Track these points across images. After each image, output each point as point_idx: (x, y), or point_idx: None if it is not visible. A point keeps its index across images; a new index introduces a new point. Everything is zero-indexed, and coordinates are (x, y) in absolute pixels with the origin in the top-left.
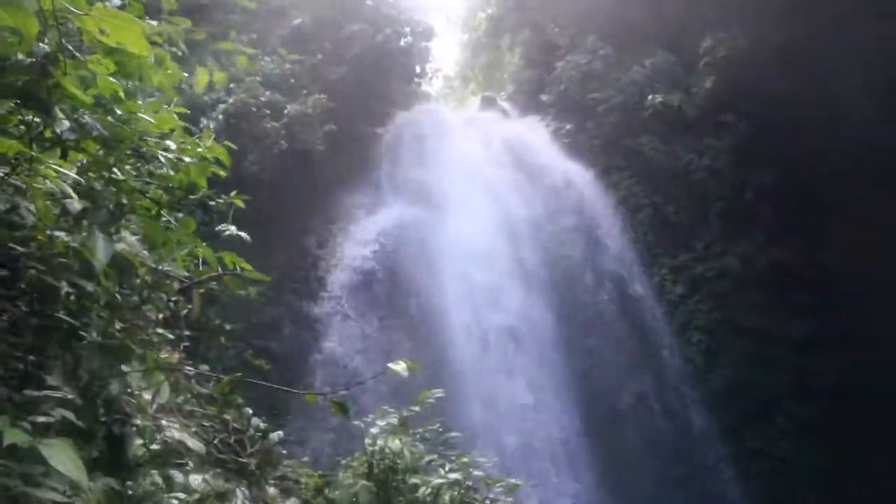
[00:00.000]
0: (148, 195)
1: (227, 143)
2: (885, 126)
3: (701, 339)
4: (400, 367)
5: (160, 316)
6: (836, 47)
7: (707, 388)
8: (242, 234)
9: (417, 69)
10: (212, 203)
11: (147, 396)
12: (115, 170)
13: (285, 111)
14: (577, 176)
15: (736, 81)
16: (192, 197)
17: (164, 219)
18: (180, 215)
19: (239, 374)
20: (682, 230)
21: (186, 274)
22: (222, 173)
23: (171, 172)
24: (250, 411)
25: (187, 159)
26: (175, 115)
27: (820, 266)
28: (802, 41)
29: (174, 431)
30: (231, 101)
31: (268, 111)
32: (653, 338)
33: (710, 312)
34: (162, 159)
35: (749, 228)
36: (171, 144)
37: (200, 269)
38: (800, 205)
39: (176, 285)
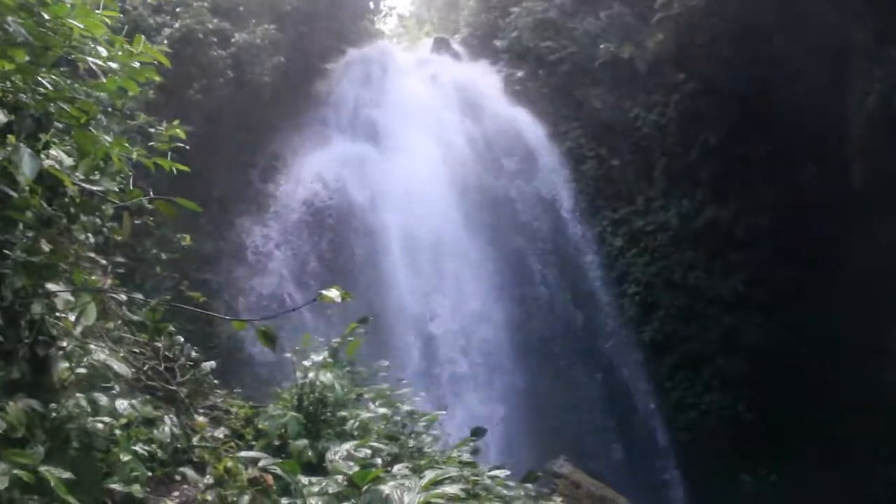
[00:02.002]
0: (76, 105)
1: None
2: (827, 95)
3: (637, 292)
4: (333, 293)
5: (92, 240)
6: (786, 15)
7: (639, 339)
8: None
9: (371, 5)
10: (152, 130)
11: (73, 318)
12: (41, 79)
13: (233, 40)
14: (525, 124)
15: (688, 40)
16: (131, 123)
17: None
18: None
19: (168, 297)
20: (625, 184)
21: (117, 190)
22: (157, 77)
23: (103, 80)
24: (182, 339)
25: (117, 65)
26: (107, 21)
27: (752, 228)
28: (755, 6)
29: (100, 354)
30: (177, 25)
31: (214, 39)
32: (590, 288)
33: (646, 266)
34: (92, 66)
35: (690, 187)
36: (103, 51)
37: (131, 189)
38: (739, 167)
39: (110, 211)
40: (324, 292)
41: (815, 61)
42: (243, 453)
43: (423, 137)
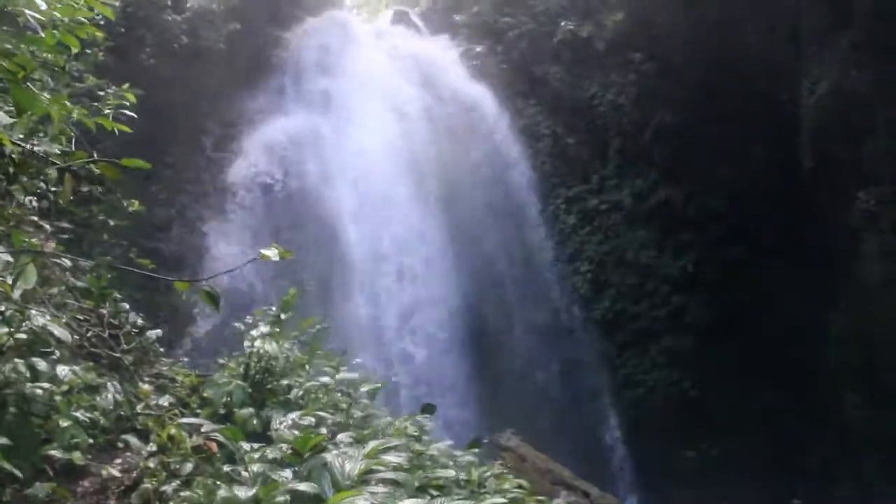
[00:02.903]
0: (13, 60)
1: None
2: (782, 79)
3: (589, 270)
4: (272, 252)
5: (35, 204)
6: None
7: (590, 316)
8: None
9: None
10: (101, 93)
11: (11, 281)
12: None
13: (188, 5)
14: (483, 99)
15: (646, 20)
16: (79, 85)
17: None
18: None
19: (107, 257)
20: (579, 162)
21: (58, 151)
22: (99, 34)
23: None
24: (127, 306)
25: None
26: None
27: (704, 209)
28: None
29: (40, 319)
30: None
31: (169, 3)
32: (542, 264)
33: (599, 244)
34: (31, 19)
35: (644, 167)
36: (42, 3)
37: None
38: (693, 148)
39: (54, 175)
40: (263, 251)
41: (771, 45)
42: (186, 420)
43: (380, 110)
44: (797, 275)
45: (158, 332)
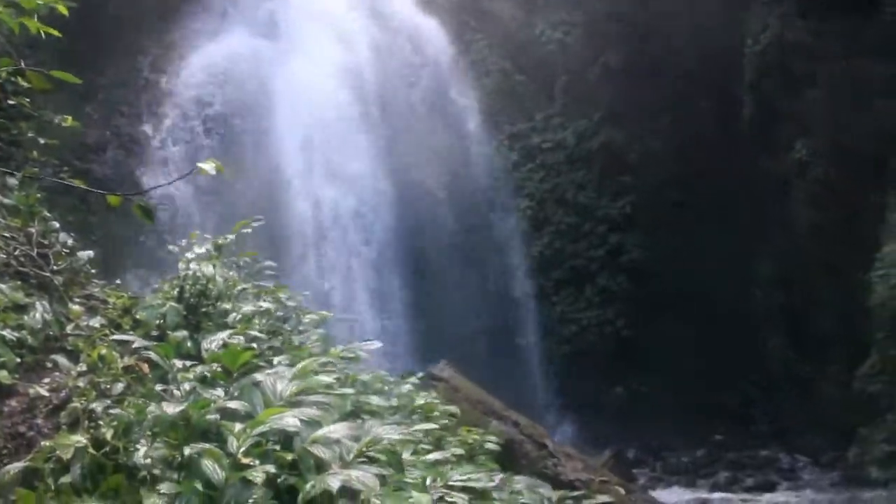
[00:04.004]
0: None
1: None
2: (727, 28)
3: (529, 207)
4: (208, 166)
5: None
6: None
7: (528, 253)
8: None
9: None
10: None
11: None
12: None
13: None
14: (431, 31)
15: None
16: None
17: None
18: None
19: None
20: (525, 99)
21: None
22: None
23: None
24: (57, 225)
25: None
26: None
27: (644, 152)
28: None
29: None
30: None
31: None
32: (485, 200)
33: (540, 182)
34: None
35: (588, 107)
36: None
37: None
38: (637, 92)
39: None
40: (200, 165)
41: None
42: (117, 337)
43: (326, 39)
44: (730, 220)
45: (90, 253)
